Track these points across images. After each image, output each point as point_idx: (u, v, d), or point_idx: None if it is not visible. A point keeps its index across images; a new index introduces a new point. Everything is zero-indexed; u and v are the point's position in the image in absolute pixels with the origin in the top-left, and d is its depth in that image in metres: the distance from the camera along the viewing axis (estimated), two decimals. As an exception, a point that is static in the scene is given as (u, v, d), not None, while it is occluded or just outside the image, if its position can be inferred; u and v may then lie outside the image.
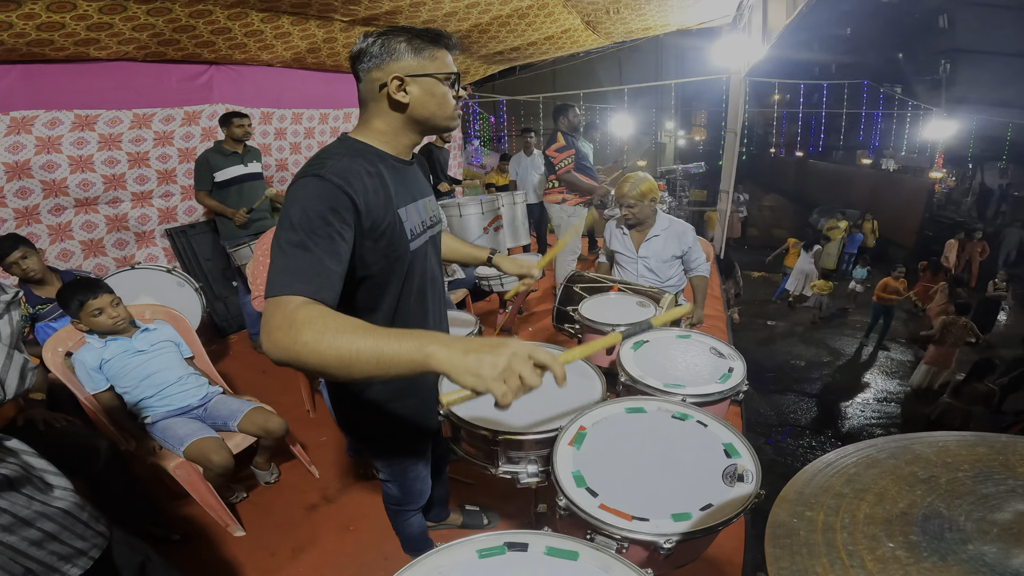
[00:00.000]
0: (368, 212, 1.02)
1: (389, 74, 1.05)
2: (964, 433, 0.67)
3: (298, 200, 0.96)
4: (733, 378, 1.51)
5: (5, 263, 2.34)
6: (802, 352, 7.52)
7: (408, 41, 1.06)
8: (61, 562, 0.99)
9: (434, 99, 1.09)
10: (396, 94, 1.06)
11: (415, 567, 0.81)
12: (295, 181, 1.00)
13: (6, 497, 0.93)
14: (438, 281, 1.32)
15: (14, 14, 2.29)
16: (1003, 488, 0.55)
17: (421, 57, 1.07)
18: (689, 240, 2.56)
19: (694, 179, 13.90)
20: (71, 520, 1.02)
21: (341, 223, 0.96)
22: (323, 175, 0.97)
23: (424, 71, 1.07)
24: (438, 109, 1.11)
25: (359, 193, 1.00)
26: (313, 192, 0.96)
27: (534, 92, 8.86)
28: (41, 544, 0.96)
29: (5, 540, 0.91)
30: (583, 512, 0.98)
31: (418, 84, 1.07)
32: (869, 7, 16.80)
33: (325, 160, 1.02)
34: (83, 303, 1.93)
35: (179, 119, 3.60)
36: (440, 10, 3.46)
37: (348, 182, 0.98)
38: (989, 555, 0.47)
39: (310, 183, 0.97)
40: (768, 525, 0.55)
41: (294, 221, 0.93)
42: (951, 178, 15.29)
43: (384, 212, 1.07)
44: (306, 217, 0.94)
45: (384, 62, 1.06)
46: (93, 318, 1.94)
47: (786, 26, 3.19)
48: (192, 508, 2.07)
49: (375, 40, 1.06)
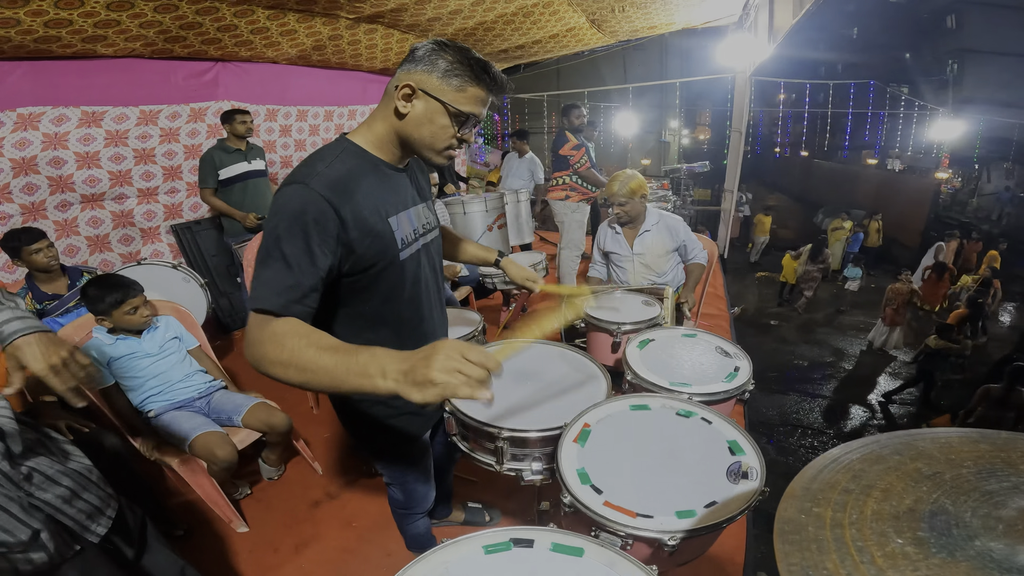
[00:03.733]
0: (355, 223, 1.00)
1: (408, 79, 1.01)
2: (966, 430, 0.67)
3: (282, 210, 0.95)
4: (739, 377, 1.51)
5: (31, 250, 2.35)
6: (805, 352, 7.50)
7: (450, 62, 1.00)
8: (89, 520, 1.08)
9: (431, 126, 1.03)
10: (399, 100, 1.02)
11: (422, 562, 0.82)
12: (282, 187, 0.98)
13: (32, 460, 1.01)
14: (433, 287, 1.29)
15: (22, 11, 2.30)
16: (1007, 485, 0.56)
17: (448, 82, 1.00)
18: (682, 233, 2.59)
19: (698, 178, 13.87)
20: (86, 480, 1.10)
21: (323, 234, 0.95)
22: (309, 184, 0.96)
23: (439, 95, 1.01)
24: (429, 137, 1.05)
25: (345, 204, 0.98)
26: (298, 202, 0.94)
27: (538, 90, 8.85)
28: (70, 501, 1.04)
29: (42, 496, 0.99)
30: (588, 509, 0.99)
31: (425, 103, 1.01)
32: (876, 7, 16.70)
33: (315, 166, 1.00)
34: (120, 301, 1.94)
35: (185, 116, 3.61)
36: (445, 7, 3.45)
37: (335, 192, 0.97)
38: (996, 551, 0.47)
39: (296, 193, 0.95)
40: (776, 521, 0.55)
41: (279, 232, 0.93)
42: (957, 179, 15.21)
43: (373, 222, 1.04)
44: (289, 228, 0.93)
45: (415, 67, 1.01)
46: (127, 316, 1.95)
47: (792, 26, 3.17)
48: (195, 503, 2.07)
49: (431, 48, 1.01)
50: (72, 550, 1.02)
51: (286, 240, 0.92)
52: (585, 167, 3.97)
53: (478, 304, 3.96)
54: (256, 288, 0.91)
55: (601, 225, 2.76)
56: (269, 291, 0.90)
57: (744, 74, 5.45)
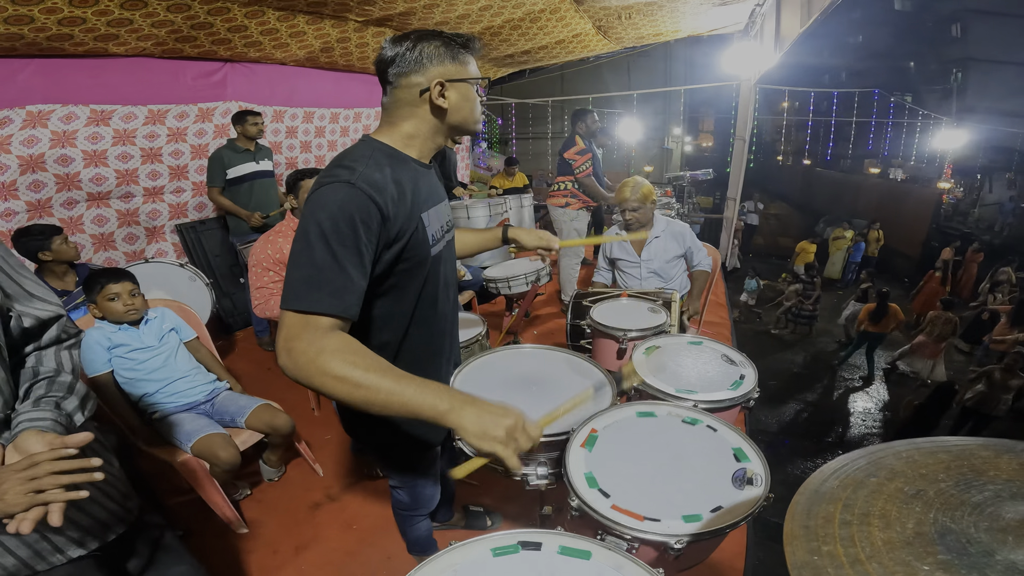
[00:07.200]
0: (395, 220, 1.01)
1: (432, 79, 1.04)
2: (917, 441, 0.68)
3: (327, 207, 0.92)
4: (744, 385, 1.51)
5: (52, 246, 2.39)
6: (803, 361, 7.51)
7: (445, 45, 1.05)
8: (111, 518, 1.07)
9: (468, 104, 1.10)
10: (437, 99, 1.05)
11: (430, 564, 0.82)
12: (321, 185, 0.97)
13: None
14: (452, 286, 1.31)
15: (36, 8, 2.32)
16: (988, 494, 0.56)
17: (457, 62, 1.07)
18: (688, 239, 2.61)
19: (700, 186, 13.88)
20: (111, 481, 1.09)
21: (369, 234, 0.95)
22: (355, 183, 0.94)
23: (461, 76, 1.07)
24: (470, 114, 1.12)
25: (388, 202, 0.98)
26: (345, 200, 0.93)
27: (542, 95, 8.89)
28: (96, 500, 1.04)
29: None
30: (595, 512, 0.99)
31: (456, 89, 1.07)
32: (881, 15, 16.76)
33: (353, 166, 0.98)
34: (103, 286, 1.94)
35: (193, 115, 3.63)
36: (453, 12, 3.48)
37: (378, 191, 0.96)
38: (1021, 563, 0.47)
39: (341, 190, 0.94)
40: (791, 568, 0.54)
41: (324, 229, 0.90)
42: (959, 189, 15.20)
43: (408, 218, 1.05)
44: (336, 227, 0.91)
45: (424, 67, 1.04)
46: (108, 302, 1.95)
47: (800, 34, 3.19)
48: (195, 504, 2.06)
49: (412, 45, 1.04)
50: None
51: (335, 239, 0.90)
52: (585, 174, 3.89)
53: (481, 309, 3.96)
54: (305, 286, 0.88)
55: (610, 231, 2.76)
56: (324, 292, 0.87)
57: (749, 82, 5.47)
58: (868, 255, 11.29)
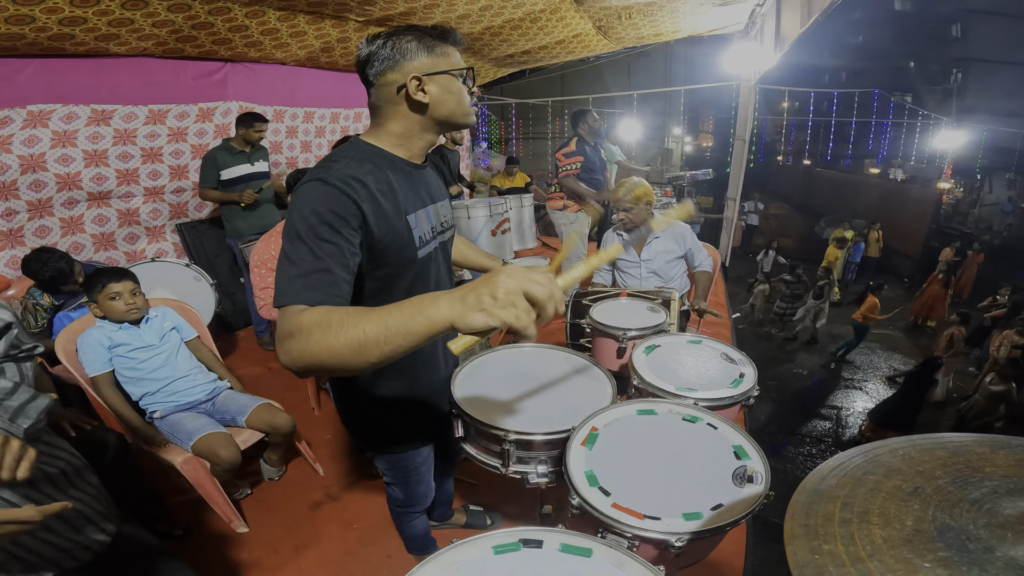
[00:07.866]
0: (375, 218, 1.01)
1: (407, 75, 1.04)
2: (913, 437, 0.67)
3: (302, 205, 0.94)
4: (744, 383, 1.52)
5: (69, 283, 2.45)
6: (804, 361, 7.50)
7: (418, 40, 1.04)
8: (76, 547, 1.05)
9: (452, 96, 1.09)
10: (416, 94, 1.05)
11: (432, 562, 0.82)
12: (300, 185, 0.99)
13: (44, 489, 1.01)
14: (445, 288, 1.29)
15: (37, 8, 2.32)
16: (985, 490, 0.56)
17: (434, 55, 1.06)
18: (688, 239, 2.62)
19: (700, 186, 13.89)
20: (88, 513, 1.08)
21: (347, 229, 0.95)
22: (327, 179, 0.96)
23: (439, 68, 1.06)
24: (456, 106, 1.10)
25: (365, 199, 0.98)
26: (318, 197, 0.94)
27: (542, 95, 8.90)
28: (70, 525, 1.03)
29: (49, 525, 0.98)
30: (596, 510, 0.99)
31: (436, 82, 1.06)
32: (882, 15, 16.74)
33: (331, 164, 1.00)
34: (104, 285, 1.94)
35: (193, 115, 3.63)
36: (454, 12, 3.48)
37: (353, 187, 0.97)
38: (1021, 559, 0.47)
39: (314, 188, 0.96)
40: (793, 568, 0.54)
41: (299, 228, 0.92)
42: (959, 189, 15.21)
43: (392, 218, 1.05)
44: (311, 223, 0.92)
45: (398, 63, 1.04)
46: (109, 301, 1.95)
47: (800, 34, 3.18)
48: (196, 503, 2.07)
49: (384, 42, 1.04)
50: None
51: (310, 235, 0.91)
52: (566, 174, 3.84)
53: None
54: (286, 283, 0.89)
55: (607, 232, 2.76)
56: (301, 286, 0.88)
57: (749, 82, 5.47)
58: (868, 255, 11.28)
